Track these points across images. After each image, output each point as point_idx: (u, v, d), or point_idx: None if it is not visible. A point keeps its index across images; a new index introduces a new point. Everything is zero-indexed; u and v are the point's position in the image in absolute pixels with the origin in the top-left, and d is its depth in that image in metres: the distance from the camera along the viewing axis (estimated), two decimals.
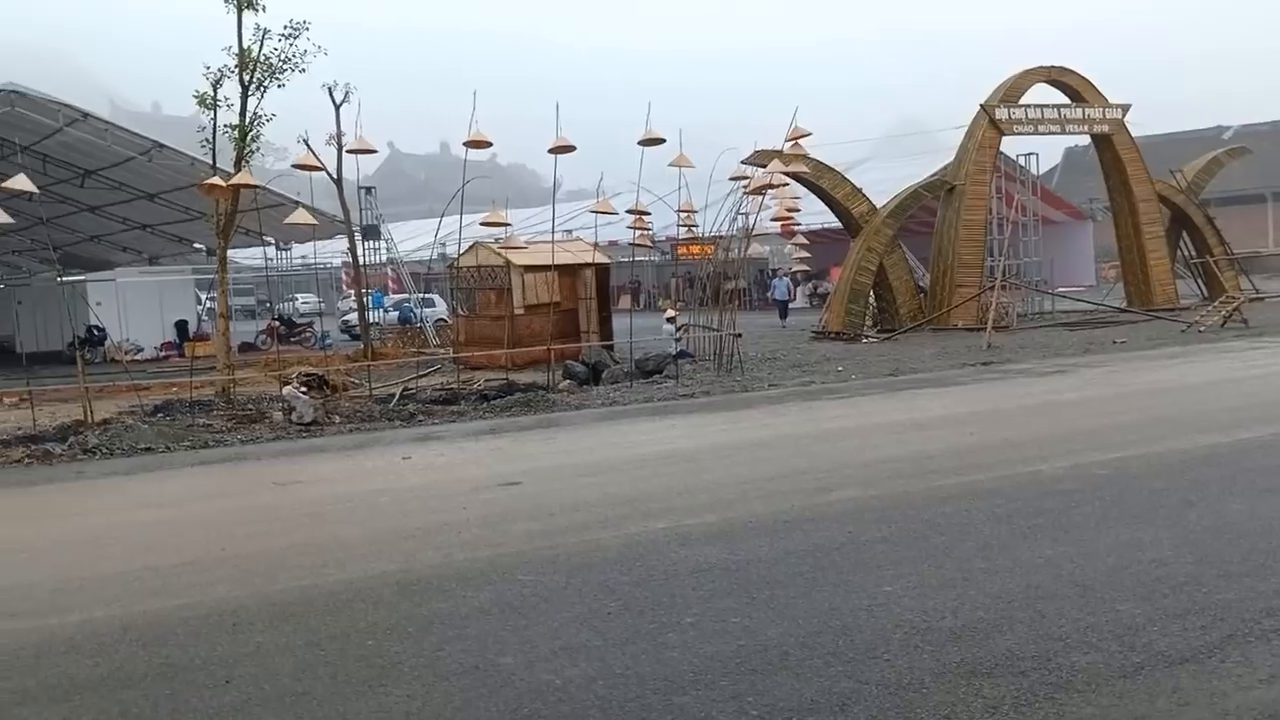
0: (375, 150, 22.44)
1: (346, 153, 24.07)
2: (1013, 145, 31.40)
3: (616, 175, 27.36)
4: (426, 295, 39.62)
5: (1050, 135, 31.23)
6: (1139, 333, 24.41)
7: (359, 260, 29.41)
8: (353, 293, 35.25)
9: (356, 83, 26.35)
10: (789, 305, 38.26)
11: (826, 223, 34.13)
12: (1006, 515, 7.88)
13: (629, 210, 21.55)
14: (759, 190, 21.54)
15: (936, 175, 30.84)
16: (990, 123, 28.77)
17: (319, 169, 22.26)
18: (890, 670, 5.04)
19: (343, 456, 13.00)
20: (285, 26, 18.61)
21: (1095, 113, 30.01)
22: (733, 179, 22.75)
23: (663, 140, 19.71)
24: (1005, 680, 4.87)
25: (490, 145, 19.97)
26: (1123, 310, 29.57)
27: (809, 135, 23.05)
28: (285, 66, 18.65)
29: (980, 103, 29.18)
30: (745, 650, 5.38)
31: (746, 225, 22.59)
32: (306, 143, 24.19)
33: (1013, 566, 6.62)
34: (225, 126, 18.80)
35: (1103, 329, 26.10)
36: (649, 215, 22.30)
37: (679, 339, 22.92)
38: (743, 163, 24.61)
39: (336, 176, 26.18)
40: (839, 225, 30.79)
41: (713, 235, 24.21)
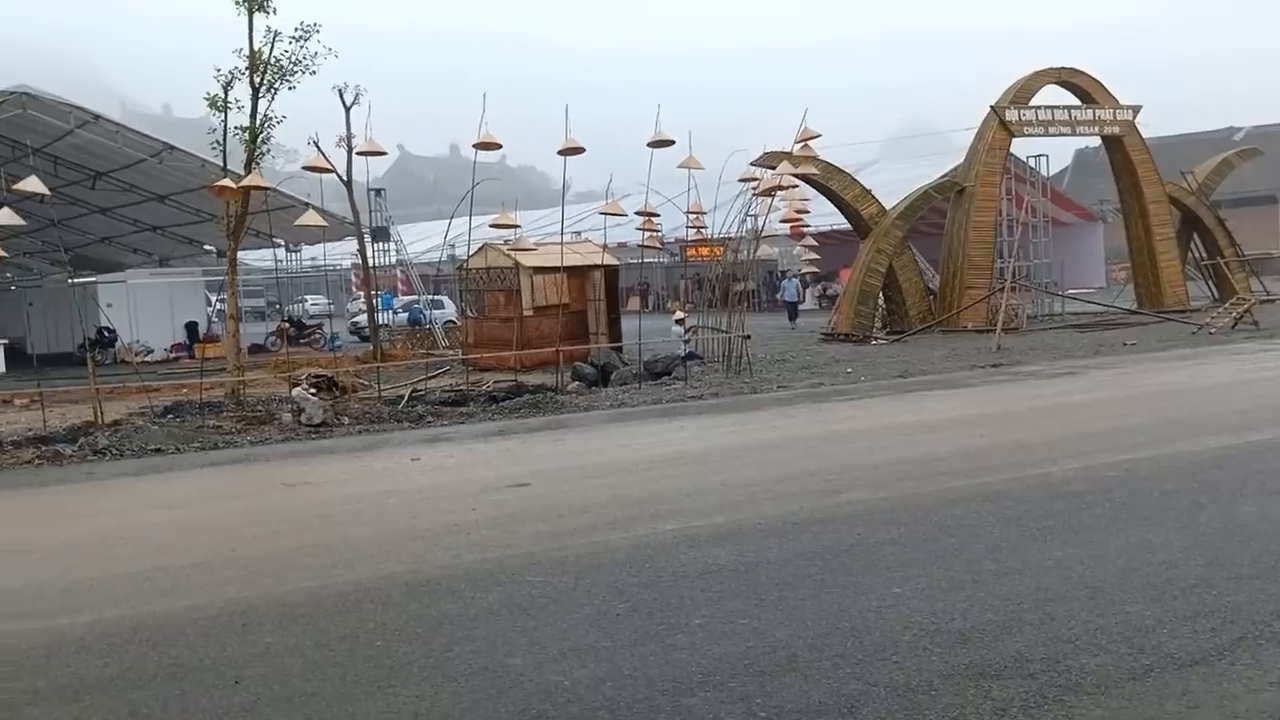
0: (385, 152, 22.47)
1: (356, 155, 24.11)
2: (1023, 147, 31.36)
3: (625, 177, 27.42)
4: (435, 297, 39.69)
5: (1061, 137, 31.15)
6: (1149, 334, 24.34)
7: (368, 262, 29.48)
8: (362, 294, 35.33)
9: (366, 85, 26.42)
10: (799, 307, 38.23)
11: (836, 224, 34.11)
12: (1016, 517, 7.86)
13: (638, 212, 21.55)
14: (768, 192, 21.52)
15: (946, 177, 30.78)
16: (1000, 124, 28.71)
17: (329, 171, 22.30)
18: (899, 672, 5.04)
19: (352, 458, 13.03)
20: (296, 29, 18.72)
21: (1106, 114, 29.92)
22: (742, 180, 22.75)
23: (672, 142, 19.73)
24: (1014, 682, 4.86)
25: (500, 147, 20.00)
26: (1133, 312, 29.48)
27: (818, 137, 23.02)
28: (296, 69, 18.74)
29: (990, 104, 29.13)
30: (754, 652, 5.38)
31: (755, 227, 22.58)
32: (317, 145, 24.21)
33: (1022, 568, 6.60)
34: (236, 128, 18.87)
35: (1113, 331, 26.03)
36: (658, 217, 22.29)
37: (688, 341, 22.90)
38: (752, 164, 24.61)
39: (346, 178, 26.23)
40: (848, 227, 30.77)
41: (722, 237, 24.21)
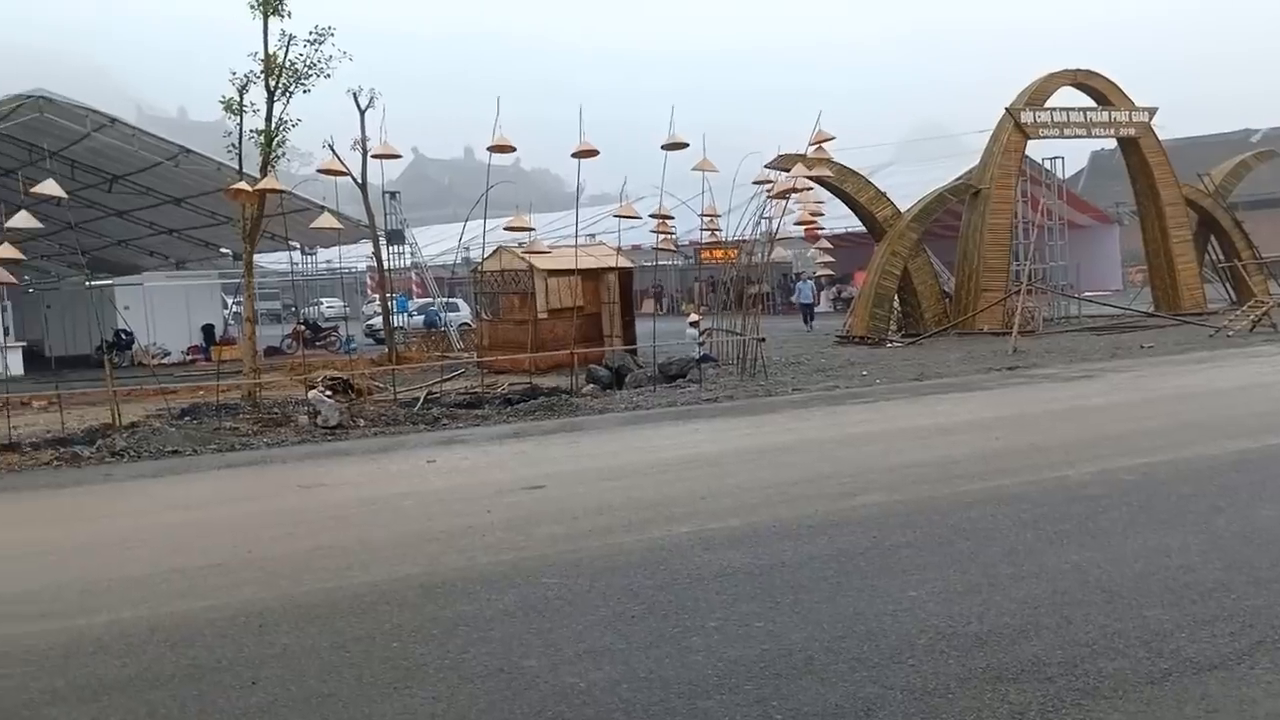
0: (399, 155, 22.53)
1: (371, 158, 24.18)
2: (1038, 149, 31.21)
3: (639, 179, 27.41)
4: (450, 299, 39.76)
5: (1076, 139, 31.04)
6: (1166, 337, 24.22)
7: (383, 265, 29.55)
8: (377, 297, 35.41)
9: (381, 88, 26.52)
10: (814, 309, 38.16)
11: (850, 227, 34.01)
12: (1033, 520, 7.83)
13: (652, 214, 21.56)
14: (782, 194, 21.50)
15: (961, 179, 30.68)
16: (1015, 126, 28.60)
17: (344, 174, 22.38)
18: (915, 675, 5.02)
19: (367, 460, 13.06)
20: (310, 32, 18.77)
21: (1122, 116, 29.78)
22: (756, 183, 22.73)
23: (686, 145, 19.73)
24: (1031, 686, 4.84)
25: (514, 150, 20.01)
26: (1150, 315, 29.33)
27: (832, 139, 22.98)
28: (310, 72, 18.79)
29: (1005, 106, 29.03)
30: (769, 655, 5.37)
31: (770, 229, 22.55)
32: (332, 148, 24.33)
33: (1039, 572, 6.57)
34: (251, 132, 18.93)
35: (1130, 333, 25.90)
36: (673, 219, 22.30)
37: (702, 343, 22.89)
38: (766, 166, 24.58)
39: (361, 181, 26.31)
40: (863, 229, 30.67)
41: (736, 239, 24.19)
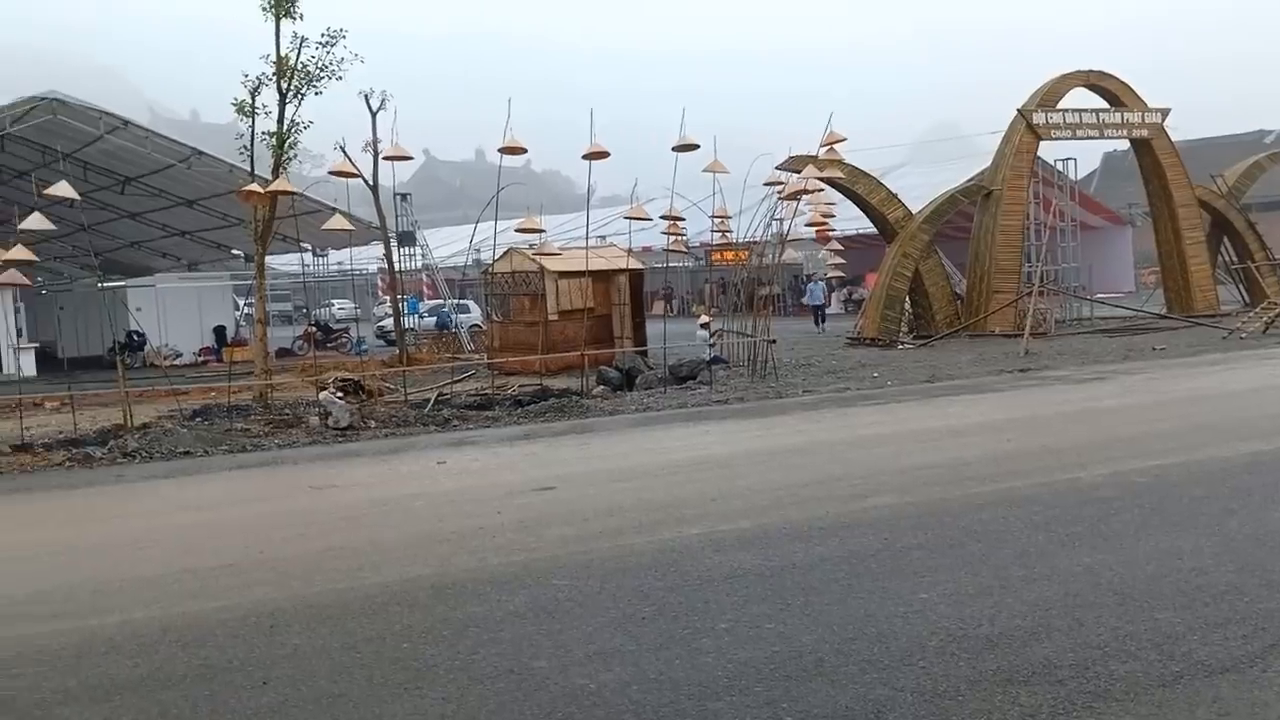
0: (411, 157, 22.56)
1: (383, 159, 24.23)
2: (1051, 150, 31.12)
3: (650, 181, 27.42)
4: (461, 301, 39.81)
5: (1089, 140, 30.92)
6: (1179, 339, 24.12)
7: (394, 266, 29.60)
8: (388, 299, 35.49)
9: (392, 90, 26.57)
10: (825, 310, 38.09)
11: (862, 228, 33.98)
12: (1044, 523, 7.81)
13: (663, 216, 21.57)
14: (793, 195, 21.48)
15: (973, 180, 30.62)
16: (1028, 127, 28.52)
17: (355, 175, 22.41)
18: (926, 678, 5.01)
19: (378, 461, 13.08)
20: (322, 34, 18.85)
21: (1134, 117, 29.69)
22: (767, 184, 22.71)
23: (696, 146, 19.72)
24: (1042, 689, 4.83)
25: (525, 151, 20.04)
26: (1162, 316, 29.22)
27: (843, 140, 22.97)
28: (322, 74, 18.87)
29: (1018, 107, 28.96)
30: (780, 656, 5.36)
31: (781, 230, 22.54)
32: (343, 149, 24.39)
33: (1050, 574, 6.55)
34: (263, 134, 19.02)
35: (1142, 335, 25.80)
36: (683, 221, 22.30)
37: (713, 345, 22.88)
38: (777, 168, 24.58)
39: (373, 183, 26.36)
40: (874, 231, 30.63)
41: (747, 241, 24.17)
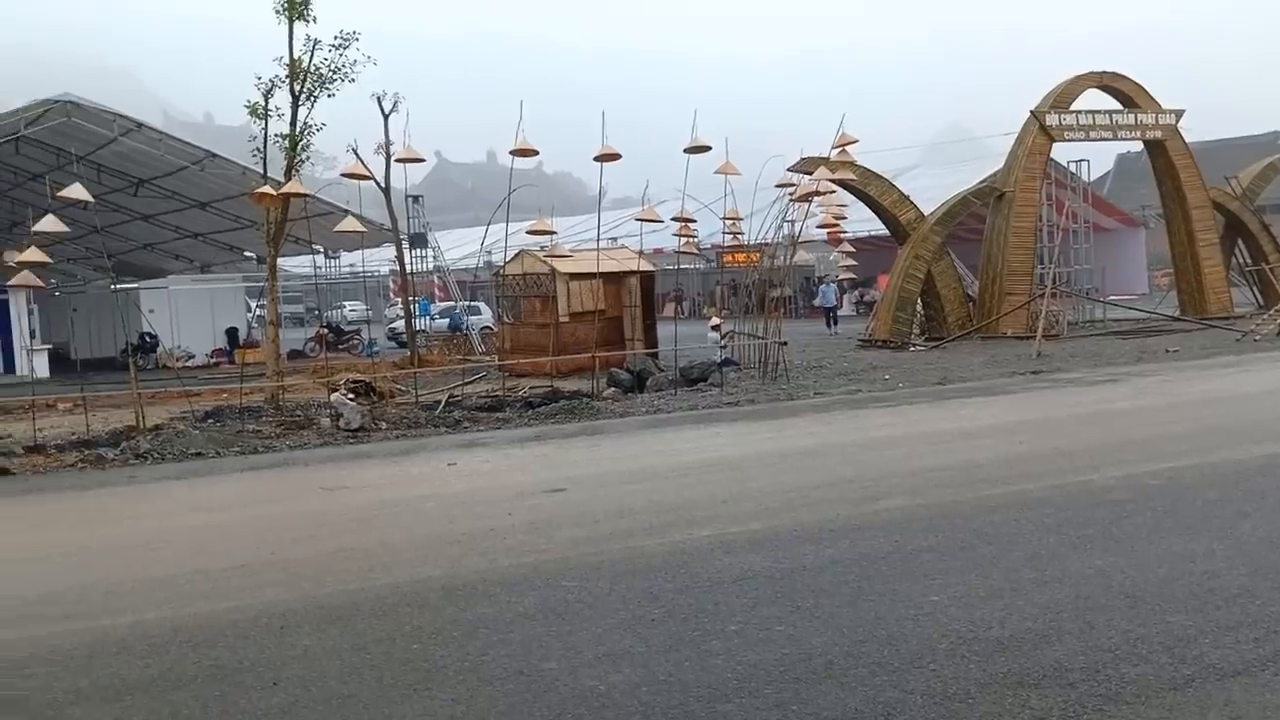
0: (423, 159, 22.62)
1: (395, 161, 24.25)
2: (1064, 151, 31.02)
3: (661, 182, 27.38)
4: (472, 303, 39.86)
5: (1102, 141, 30.83)
6: (1192, 341, 24.02)
7: (406, 268, 29.63)
8: (400, 300, 35.53)
9: (405, 92, 26.58)
10: (837, 313, 38.03)
11: (873, 230, 33.93)
12: (1056, 525, 7.78)
13: (674, 218, 21.57)
14: (805, 197, 21.45)
15: (985, 182, 30.52)
16: (1040, 129, 28.44)
17: (367, 178, 22.47)
18: (936, 680, 5.00)
19: (389, 462, 13.11)
20: (335, 37, 18.89)
21: (1148, 118, 29.58)
22: (779, 186, 22.69)
23: (708, 148, 19.71)
24: (1053, 692, 4.81)
25: (536, 153, 20.05)
26: (1176, 318, 29.09)
27: (855, 142, 22.93)
28: (335, 76, 18.92)
29: (1030, 109, 28.88)
30: (789, 659, 5.35)
31: (792, 232, 22.51)
32: (355, 152, 24.39)
33: (1062, 577, 6.53)
34: (276, 136, 19.06)
35: (1155, 337, 25.71)
36: (695, 223, 22.28)
37: (724, 347, 22.87)
38: (789, 170, 24.55)
39: (385, 185, 26.37)
40: (886, 232, 30.60)
41: (758, 242, 24.15)
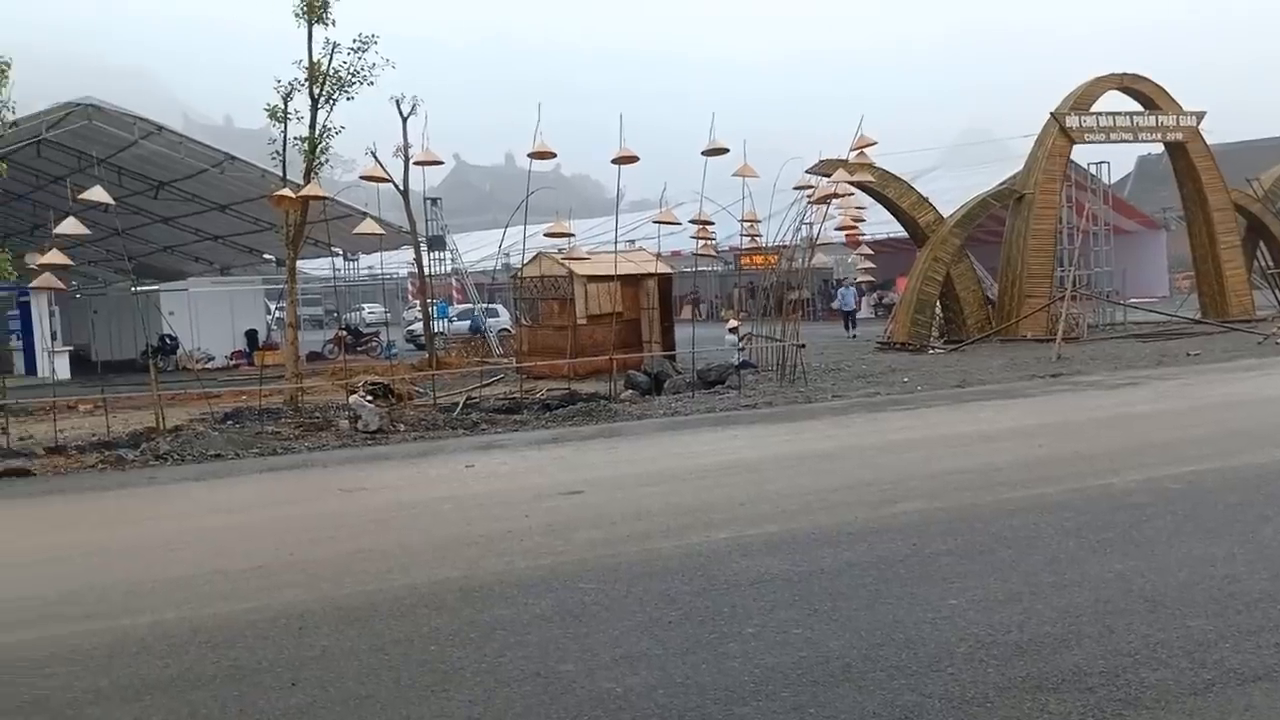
0: (441, 162, 22.67)
1: (413, 164, 24.35)
2: (1084, 153, 30.87)
3: (679, 185, 27.41)
4: (490, 305, 39.95)
5: (1122, 143, 30.63)
6: (1214, 344, 23.86)
7: (424, 270, 29.72)
8: (418, 303, 35.63)
9: (423, 95, 26.68)
10: (856, 315, 37.94)
11: (892, 232, 33.82)
12: (1075, 529, 7.74)
13: (692, 220, 21.56)
14: (823, 200, 21.41)
15: (1005, 184, 30.42)
16: (1060, 131, 28.30)
17: (386, 180, 22.56)
18: (954, 684, 4.97)
19: (407, 464, 13.14)
20: (354, 40, 18.96)
21: (1169, 120, 29.38)
22: (797, 188, 22.66)
23: (726, 150, 19.70)
24: (1072, 696, 4.78)
25: (554, 156, 20.09)
26: (1197, 321, 28.91)
27: (874, 144, 22.89)
28: (354, 80, 18.98)
29: (1050, 110, 28.75)
30: (807, 661, 5.34)
31: (810, 235, 22.47)
32: (374, 155, 24.51)
33: (1081, 581, 6.50)
34: (295, 139, 19.14)
35: (1176, 340, 25.56)
36: (713, 225, 22.26)
37: (742, 349, 22.85)
38: (807, 172, 24.51)
39: (403, 188, 26.47)
40: (905, 235, 30.48)
41: (776, 245, 24.12)
